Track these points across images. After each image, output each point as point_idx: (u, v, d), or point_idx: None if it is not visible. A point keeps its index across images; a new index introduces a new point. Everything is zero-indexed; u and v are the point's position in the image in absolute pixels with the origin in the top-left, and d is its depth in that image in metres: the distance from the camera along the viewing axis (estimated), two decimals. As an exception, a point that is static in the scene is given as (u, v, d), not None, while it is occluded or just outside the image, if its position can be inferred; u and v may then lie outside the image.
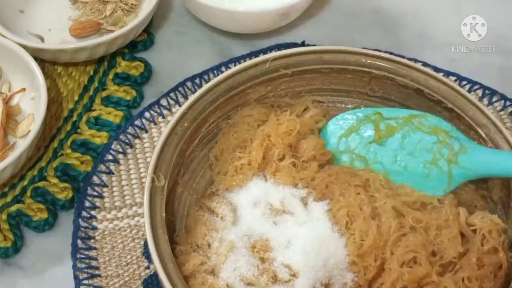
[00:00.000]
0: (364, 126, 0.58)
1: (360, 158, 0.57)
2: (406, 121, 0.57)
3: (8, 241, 0.58)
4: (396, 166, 0.57)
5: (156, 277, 0.56)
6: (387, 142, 0.57)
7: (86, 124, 0.65)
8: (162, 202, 0.52)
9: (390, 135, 0.57)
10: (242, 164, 0.56)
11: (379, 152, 0.57)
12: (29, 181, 0.61)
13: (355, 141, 0.58)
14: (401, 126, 0.57)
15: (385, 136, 0.57)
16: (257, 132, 0.57)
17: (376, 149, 0.57)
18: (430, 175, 0.56)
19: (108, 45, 0.66)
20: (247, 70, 0.58)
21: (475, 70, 0.69)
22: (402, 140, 0.57)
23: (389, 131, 0.57)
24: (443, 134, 0.56)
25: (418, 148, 0.56)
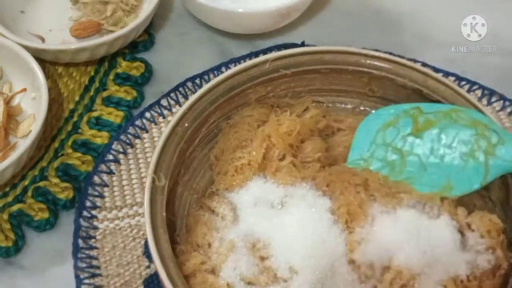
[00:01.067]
0: (402, 120, 0.57)
1: (396, 151, 0.56)
2: (445, 115, 0.56)
3: (9, 240, 0.58)
4: (433, 158, 0.55)
5: (157, 276, 0.56)
6: (424, 135, 0.56)
7: (87, 124, 0.65)
8: (163, 201, 0.52)
9: (428, 129, 0.56)
10: (242, 164, 0.56)
11: (416, 145, 0.56)
12: (30, 181, 0.61)
13: (392, 135, 0.57)
14: (439, 120, 0.56)
15: (422, 129, 0.56)
16: (258, 132, 0.57)
17: (413, 142, 0.56)
18: (467, 167, 0.54)
19: (108, 45, 0.66)
20: (247, 71, 0.58)
21: (474, 70, 0.69)
22: (439, 133, 0.56)
23: (427, 124, 0.56)
24: (481, 127, 0.54)
25: (455, 140, 0.55)
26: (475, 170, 0.54)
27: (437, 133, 0.56)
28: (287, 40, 0.72)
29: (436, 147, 0.56)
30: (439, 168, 0.55)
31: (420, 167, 0.55)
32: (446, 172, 0.55)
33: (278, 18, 0.69)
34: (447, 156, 0.55)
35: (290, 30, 0.73)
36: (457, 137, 0.55)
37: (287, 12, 0.69)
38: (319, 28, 0.74)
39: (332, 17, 0.75)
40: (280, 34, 0.73)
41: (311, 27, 0.74)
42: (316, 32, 0.73)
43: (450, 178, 0.55)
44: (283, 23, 0.71)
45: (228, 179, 0.56)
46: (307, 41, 0.71)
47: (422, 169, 0.55)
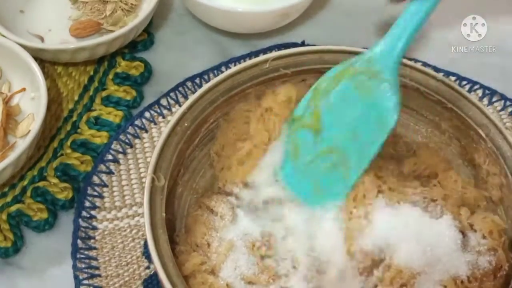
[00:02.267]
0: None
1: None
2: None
3: (8, 241, 0.58)
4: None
5: (156, 277, 0.56)
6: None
7: (86, 124, 0.65)
8: (162, 202, 0.52)
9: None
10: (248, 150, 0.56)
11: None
12: (29, 181, 0.61)
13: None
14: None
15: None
16: (255, 110, 0.58)
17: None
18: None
19: (108, 45, 0.66)
20: (247, 70, 0.58)
21: (475, 70, 0.69)
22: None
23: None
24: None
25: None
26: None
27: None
28: (287, 40, 0.72)
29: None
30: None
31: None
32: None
33: (278, 18, 0.69)
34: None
35: (290, 30, 0.73)
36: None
37: (287, 12, 0.69)
38: (319, 28, 0.74)
39: (332, 17, 0.75)
40: (280, 34, 0.73)
41: (311, 27, 0.74)
42: (316, 32, 0.73)
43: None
44: (283, 23, 0.71)
45: (232, 172, 0.56)
46: (307, 41, 0.71)
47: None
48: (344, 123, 0.52)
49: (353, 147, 0.52)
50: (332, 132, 0.52)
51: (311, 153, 0.53)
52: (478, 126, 0.56)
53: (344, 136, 0.52)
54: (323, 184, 0.53)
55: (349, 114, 0.52)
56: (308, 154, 0.53)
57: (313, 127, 0.53)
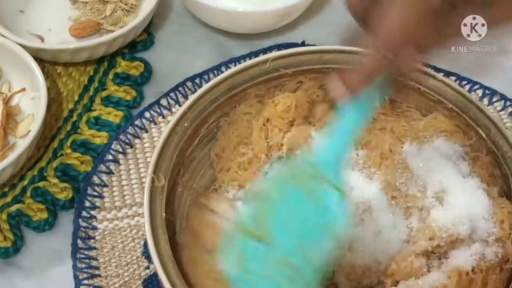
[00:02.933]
0: None
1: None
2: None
3: (8, 241, 0.58)
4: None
5: (156, 277, 0.56)
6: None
7: (86, 124, 0.65)
8: (162, 202, 0.52)
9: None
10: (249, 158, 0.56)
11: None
12: (29, 181, 0.61)
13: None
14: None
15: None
16: (256, 121, 0.57)
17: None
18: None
19: (108, 45, 0.66)
20: (247, 70, 0.58)
21: (475, 70, 0.69)
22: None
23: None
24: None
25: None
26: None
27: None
28: (287, 40, 0.72)
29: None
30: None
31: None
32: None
33: (278, 18, 0.69)
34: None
35: (290, 30, 0.73)
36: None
37: (287, 11, 0.69)
38: (319, 28, 0.74)
39: (332, 17, 0.75)
40: (280, 34, 0.73)
41: (311, 27, 0.74)
42: (316, 32, 0.73)
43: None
44: (283, 23, 0.71)
45: (231, 175, 0.56)
46: (307, 41, 0.71)
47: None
48: (293, 231, 0.46)
49: (306, 257, 0.45)
50: (281, 242, 0.45)
51: (261, 266, 0.45)
52: (478, 126, 0.56)
53: (294, 246, 0.45)
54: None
55: (297, 220, 0.46)
56: (256, 267, 0.45)
57: (259, 236, 0.45)
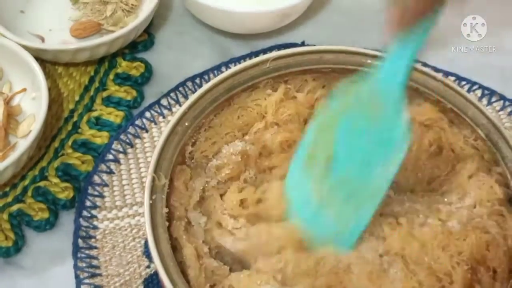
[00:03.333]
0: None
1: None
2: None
3: (9, 240, 0.58)
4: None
5: (157, 276, 0.56)
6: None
7: (87, 124, 0.65)
8: (163, 201, 0.52)
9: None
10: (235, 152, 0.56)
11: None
12: (30, 181, 0.61)
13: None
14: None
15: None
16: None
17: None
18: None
19: (108, 45, 0.66)
20: (247, 70, 0.58)
21: (474, 70, 0.69)
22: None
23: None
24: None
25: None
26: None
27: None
28: (287, 40, 0.72)
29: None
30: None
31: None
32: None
33: (278, 18, 0.69)
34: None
35: (290, 30, 0.73)
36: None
37: (287, 12, 0.69)
38: (319, 28, 0.74)
39: (332, 17, 0.75)
40: (280, 34, 0.73)
41: (311, 27, 0.74)
42: (316, 32, 0.73)
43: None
44: (283, 23, 0.71)
45: (208, 146, 0.56)
46: (307, 41, 0.71)
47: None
48: (355, 153, 0.49)
49: (366, 178, 0.49)
50: (344, 163, 0.49)
51: (323, 186, 0.50)
52: (477, 126, 0.56)
53: (355, 167, 0.49)
54: (339, 221, 0.50)
55: (359, 143, 0.49)
56: (320, 187, 0.50)
57: (324, 158, 0.50)
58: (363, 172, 0.49)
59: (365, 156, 0.49)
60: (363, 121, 0.49)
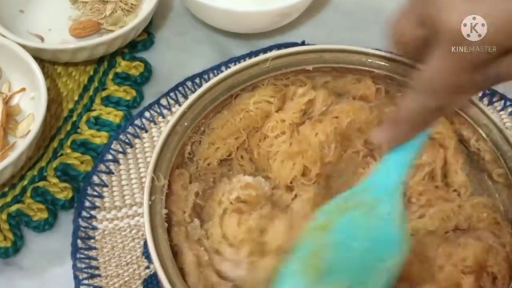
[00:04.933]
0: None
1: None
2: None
3: (8, 241, 0.58)
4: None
5: (156, 277, 0.56)
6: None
7: (86, 124, 0.65)
8: (162, 201, 0.52)
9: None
10: None
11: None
12: (29, 181, 0.61)
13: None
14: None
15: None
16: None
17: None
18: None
19: (108, 45, 0.66)
20: (247, 70, 0.58)
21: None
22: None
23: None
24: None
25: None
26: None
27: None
28: (287, 40, 0.72)
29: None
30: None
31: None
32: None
33: (278, 18, 0.69)
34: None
35: (290, 30, 0.73)
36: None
37: (287, 11, 0.69)
38: (319, 28, 0.74)
39: (332, 17, 0.75)
40: (280, 34, 0.73)
41: (311, 26, 0.74)
42: (316, 32, 0.73)
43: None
44: (283, 23, 0.71)
45: (211, 153, 0.56)
46: (307, 40, 0.71)
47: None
48: (351, 258, 0.46)
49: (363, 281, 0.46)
50: (340, 269, 0.46)
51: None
52: (478, 126, 0.56)
53: (352, 271, 0.46)
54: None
55: (355, 248, 0.46)
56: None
57: (313, 269, 0.46)
58: (360, 276, 0.46)
59: (361, 261, 0.46)
60: (360, 228, 0.46)
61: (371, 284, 0.46)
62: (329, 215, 0.47)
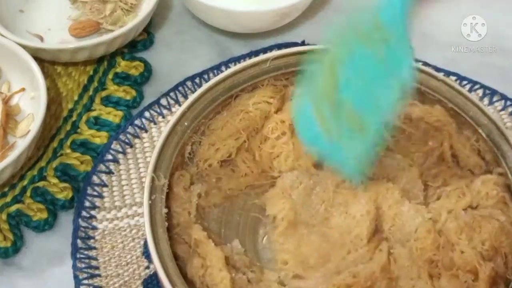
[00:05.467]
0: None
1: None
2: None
3: (7, 241, 0.58)
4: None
5: (156, 277, 0.56)
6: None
7: (85, 124, 0.65)
8: (162, 201, 0.52)
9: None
10: None
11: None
12: (29, 181, 0.61)
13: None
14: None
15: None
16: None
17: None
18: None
19: (107, 44, 0.66)
20: (247, 70, 0.58)
21: (475, 70, 0.69)
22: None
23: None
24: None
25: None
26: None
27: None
28: (287, 40, 0.72)
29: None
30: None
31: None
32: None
33: (278, 18, 0.69)
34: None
35: (290, 30, 0.73)
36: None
37: (287, 11, 0.69)
38: (319, 28, 0.74)
39: (332, 17, 0.75)
40: (280, 34, 0.73)
41: (311, 26, 0.74)
42: (316, 32, 0.73)
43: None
44: (283, 23, 0.71)
45: (212, 154, 0.56)
46: (307, 40, 0.71)
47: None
48: (361, 88, 0.49)
49: (372, 107, 0.49)
50: (350, 94, 0.49)
51: (330, 117, 0.50)
52: (478, 126, 0.56)
53: (362, 97, 0.49)
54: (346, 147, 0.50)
55: (365, 75, 0.49)
56: (327, 118, 0.50)
57: (330, 97, 0.49)
58: (370, 96, 0.49)
59: (371, 79, 0.49)
60: (367, 49, 0.48)
61: (380, 103, 0.48)
62: (336, 46, 0.49)
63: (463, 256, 0.49)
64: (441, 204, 0.53)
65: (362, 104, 0.49)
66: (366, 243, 0.51)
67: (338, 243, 0.51)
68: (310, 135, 0.51)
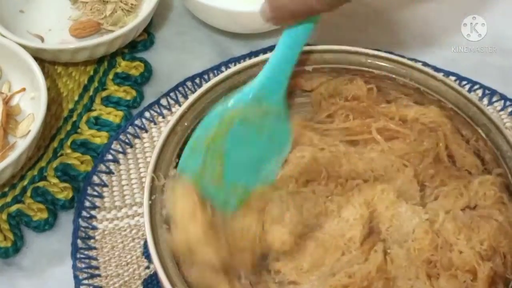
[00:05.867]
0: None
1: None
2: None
3: (8, 241, 0.58)
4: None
5: (156, 277, 0.56)
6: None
7: (86, 124, 0.65)
8: (162, 201, 0.52)
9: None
10: None
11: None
12: (29, 181, 0.61)
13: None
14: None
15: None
16: None
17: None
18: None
19: (108, 45, 0.66)
20: (247, 70, 0.58)
21: (475, 70, 0.69)
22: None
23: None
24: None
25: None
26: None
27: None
28: (287, 40, 0.72)
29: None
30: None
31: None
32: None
33: (278, 18, 0.69)
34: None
35: (290, 30, 0.73)
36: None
37: (287, 11, 0.68)
38: (319, 28, 0.73)
39: (332, 17, 0.74)
40: (280, 34, 0.72)
41: (311, 26, 0.74)
42: (316, 32, 0.73)
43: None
44: (283, 23, 0.71)
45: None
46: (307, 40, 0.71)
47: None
48: (245, 162, 0.53)
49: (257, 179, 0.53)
50: (235, 172, 0.52)
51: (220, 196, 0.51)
52: (478, 126, 0.56)
53: (246, 172, 0.53)
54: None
55: (248, 153, 0.53)
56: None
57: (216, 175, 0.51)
58: (253, 174, 0.53)
59: (254, 161, 0.53)
60: (251, 129, 0.52)
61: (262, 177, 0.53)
62: (218, 128, 0.51)
63: (461, 256, 0.49)
64: (439, 204, 0.53)
65: (246, 178, 0.52)
66: (359, 246, 0.51)
67: (332, 246, 0.51)
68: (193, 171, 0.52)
